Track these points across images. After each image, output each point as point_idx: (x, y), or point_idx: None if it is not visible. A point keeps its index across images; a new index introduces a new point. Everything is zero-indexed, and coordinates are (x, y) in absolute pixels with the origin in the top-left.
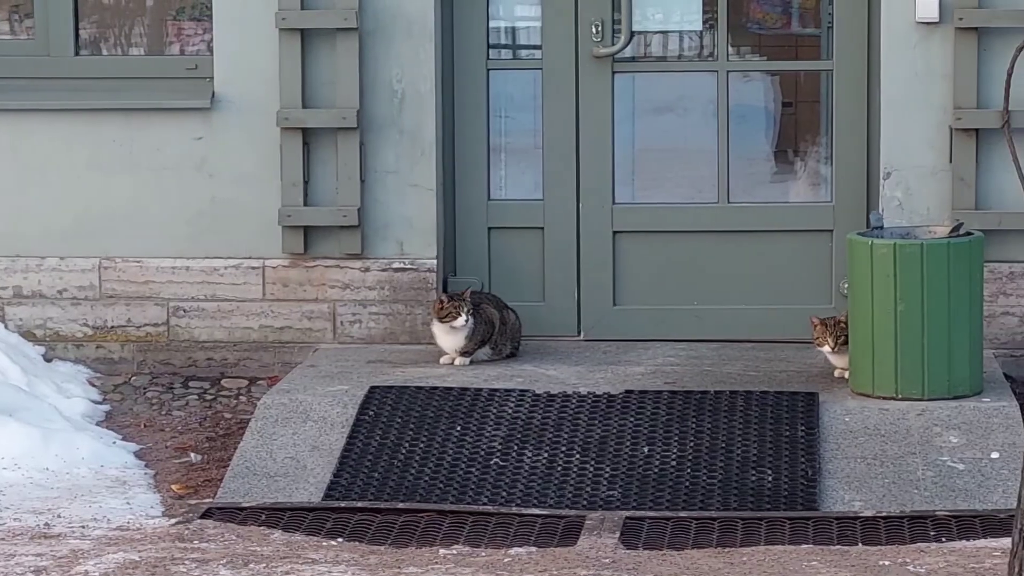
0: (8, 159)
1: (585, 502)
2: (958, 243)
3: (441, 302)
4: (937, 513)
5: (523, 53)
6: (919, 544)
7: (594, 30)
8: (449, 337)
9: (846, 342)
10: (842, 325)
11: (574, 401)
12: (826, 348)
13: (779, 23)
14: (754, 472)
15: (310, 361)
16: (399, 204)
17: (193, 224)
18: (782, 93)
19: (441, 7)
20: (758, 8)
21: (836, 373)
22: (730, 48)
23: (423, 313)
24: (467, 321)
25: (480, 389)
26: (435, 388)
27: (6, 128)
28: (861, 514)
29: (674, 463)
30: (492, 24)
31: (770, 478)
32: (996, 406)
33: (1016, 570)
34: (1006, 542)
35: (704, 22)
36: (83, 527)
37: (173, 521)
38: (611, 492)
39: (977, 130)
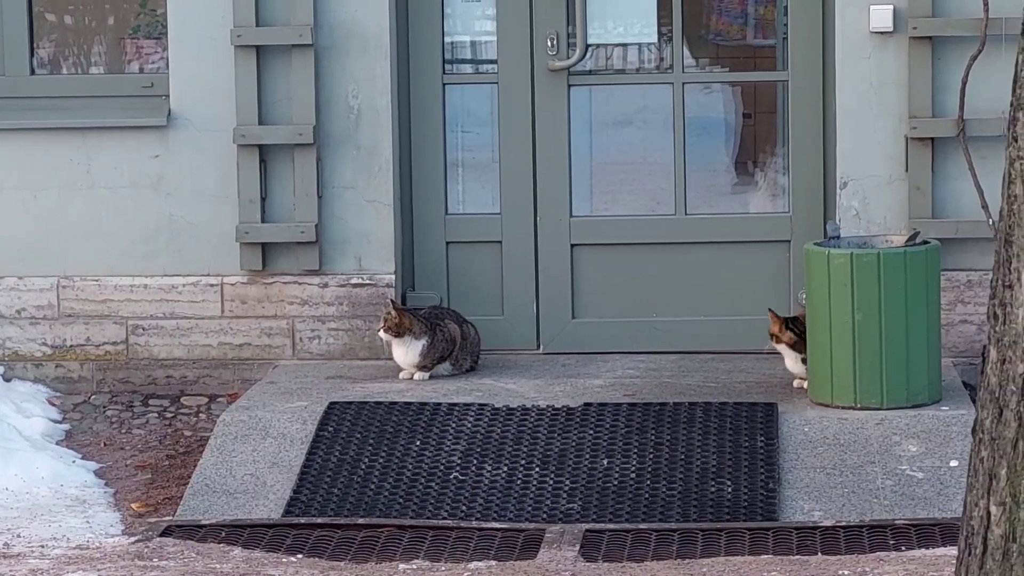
0: None
1: (545, 515)
2: (915, 252)
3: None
4: (896, 522)
5: (479, 67)
6: (879, 553)
7: (549, 43)
8: (399, 352)
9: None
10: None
11: (533, 414)
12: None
13: (739, 34)
14: (714, 483)
15: (269, 378)
16: (357, 220)
17: (151, 242)
18: (741, 104)
19: (396, 22)
20: (719, 19)
21: (795, 384)
22: (688, 60)
23: None
24: (379, 333)
25: (439, 404)
26: (394, 403)
27: None
28: (821, 524)
29: (633, 475)
30: (448, 39)
31: (730, 489)
32: (955, 414)
33: None
34: None
35: (660, 34)
36: (43, 546)
37: (133, 539)
38: (571, 505)
39: (933, 139)
